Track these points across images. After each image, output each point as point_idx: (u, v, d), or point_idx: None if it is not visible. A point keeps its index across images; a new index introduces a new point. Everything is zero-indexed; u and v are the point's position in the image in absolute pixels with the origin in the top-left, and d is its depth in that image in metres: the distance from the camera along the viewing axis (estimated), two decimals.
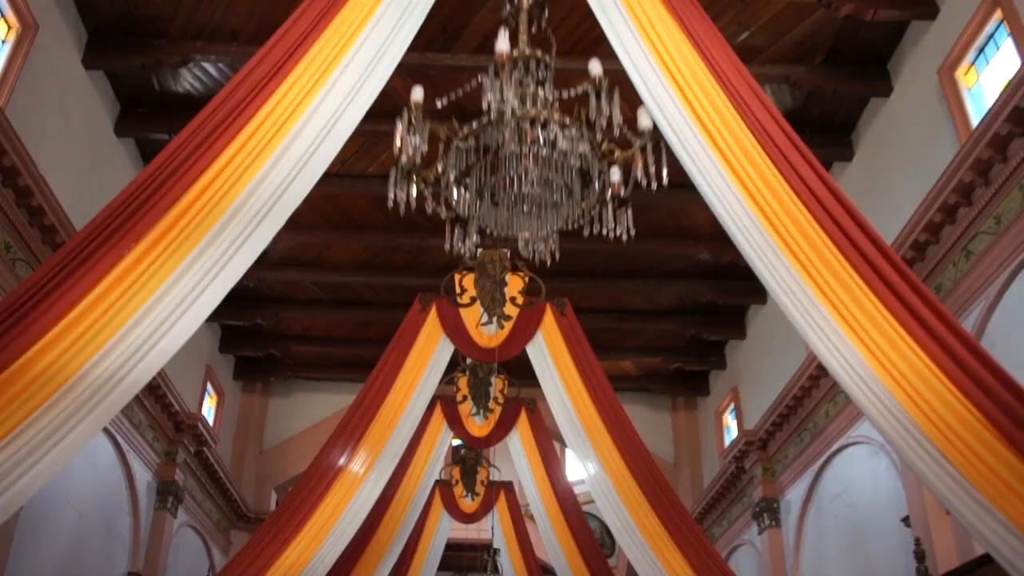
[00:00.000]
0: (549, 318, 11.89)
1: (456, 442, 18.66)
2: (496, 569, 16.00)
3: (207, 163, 6.23)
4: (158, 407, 14.27)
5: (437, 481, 18.53)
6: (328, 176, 14.09)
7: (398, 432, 11.45)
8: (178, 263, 6.07)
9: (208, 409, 17.55)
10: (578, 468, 24.32)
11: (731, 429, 18.02)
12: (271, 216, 6.79)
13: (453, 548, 24.38)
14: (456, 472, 18.35)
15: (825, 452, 13.52)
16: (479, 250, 12.23)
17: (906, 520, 11.01)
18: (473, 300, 11.97)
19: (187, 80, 12.67)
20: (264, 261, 16.25)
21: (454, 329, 11.76)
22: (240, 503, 17.73)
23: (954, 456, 5.75)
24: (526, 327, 11.83)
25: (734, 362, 17.94)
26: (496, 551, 9.31)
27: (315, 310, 17.17)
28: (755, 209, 6.57)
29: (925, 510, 10.57)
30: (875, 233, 6.35)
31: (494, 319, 11.79)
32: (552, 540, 15.76)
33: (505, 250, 12.09)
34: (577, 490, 16.55)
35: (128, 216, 5.88)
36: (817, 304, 6.57)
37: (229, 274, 6.46)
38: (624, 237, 5.99)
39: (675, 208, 14.69)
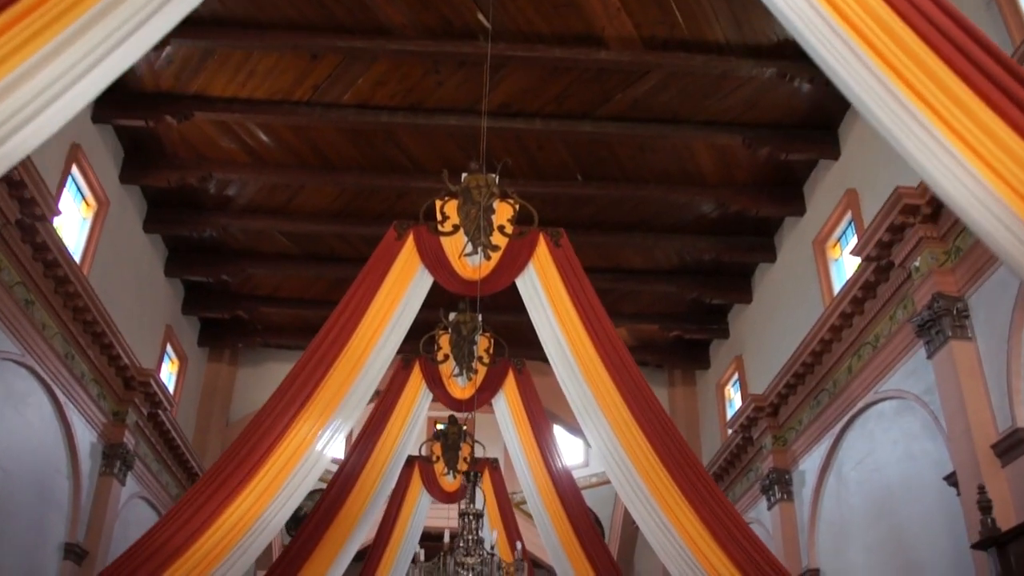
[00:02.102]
0: (542, 248, 10.20)
1: (441, 425, 16.99)
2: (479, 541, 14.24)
3: None
4: (104, 359, 12.47)
5: (417, 458, 16.87)
6: (297, 105, 12.67)
7: (366, 374, 9.75)
8: (56, 34, 4.48)
9: (168, 375, 15.75)
10: (574, 450, 22.69)
11: (734, 403, 16.34)
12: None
13: (433, 539, 22.74)
14: (437, 448, 16.62)
15: (846, 413, 11.83)
16: (464, 175, 10.62)
17: (950, 478, 9.31)
18: (456, 228, 10.29)
19: None
20: (229, 207, 14.60)
21: (434, 259, 10.06)
22: None
23: None
24: (516, 258, 10.14)
25: (738, 330, 16.26)
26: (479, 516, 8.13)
27: (285, 266, 15.40)
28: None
29: (977, 464, 8.87)
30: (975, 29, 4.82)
31: (480, 249, 10.09)
32: (544, 520, 14.03)
33: (493, 175, 10.44)
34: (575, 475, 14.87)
35: None
36: (920, 117, 4.87)
37: (117, 59, 4.75)
38: None
39: (679, 148, 13.04)
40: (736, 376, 16.04)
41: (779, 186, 13.70)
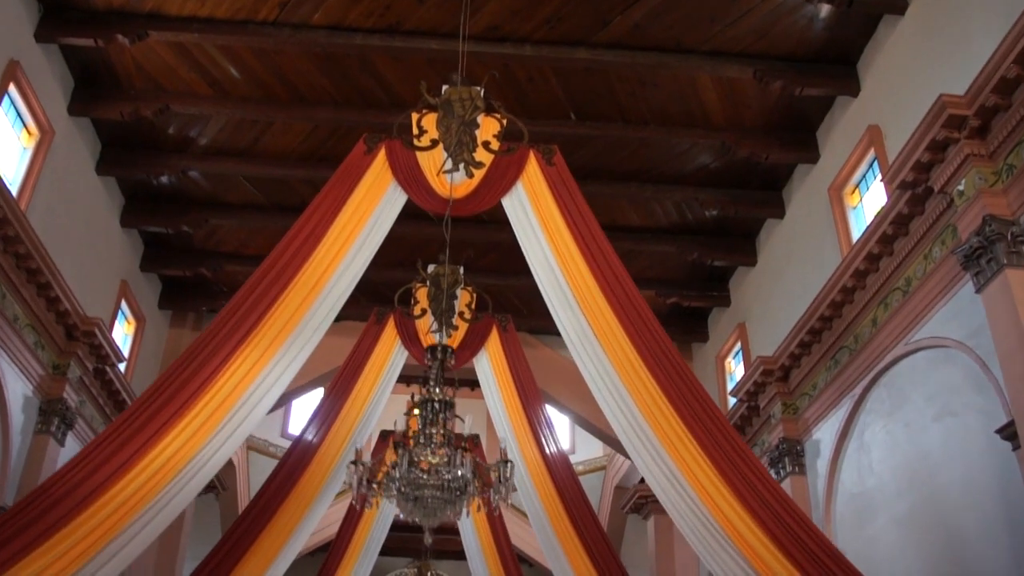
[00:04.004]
0: (533, 166, 8.67)
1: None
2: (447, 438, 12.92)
3: None
4: (42, 303, 10.82)
5: (391, 432, 15.25)
6: (263, 25, 11.04)
7: (324, 299, 8.13)
8: None
9: (123, 336, 14.07)
10: (561, 435, 21.02)
11: (735, 376, 14.76)
12: None
13: (412, 529, 21.03)
14: (414, 423, 15.01)
15: (870, 371, 10.27)
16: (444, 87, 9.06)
17: (1004, 430, 7.73)
18: (435, 143, 8.74)
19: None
20: (190, 148, 12.89)
21: (408, 175, 8.50)
22: None
23: None
24: (502, 175, 8.59)
25: (740, 296, 14.69)
26: (448, 405, 6.73)
27: (251, 217, 13.70)
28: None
29: None
30: None
31: (461, 165, 8.51)
32: (536, 507, 12.41)
33: (478, 88, 8.90)
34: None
35: None
36: None
37: None
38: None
39: (683, 82, 11.50)
40: (738, 346, 14.46)
41: (790, 130, 12.16)
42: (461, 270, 12.06)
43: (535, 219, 8.40)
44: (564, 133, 12.01)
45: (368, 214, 8.35)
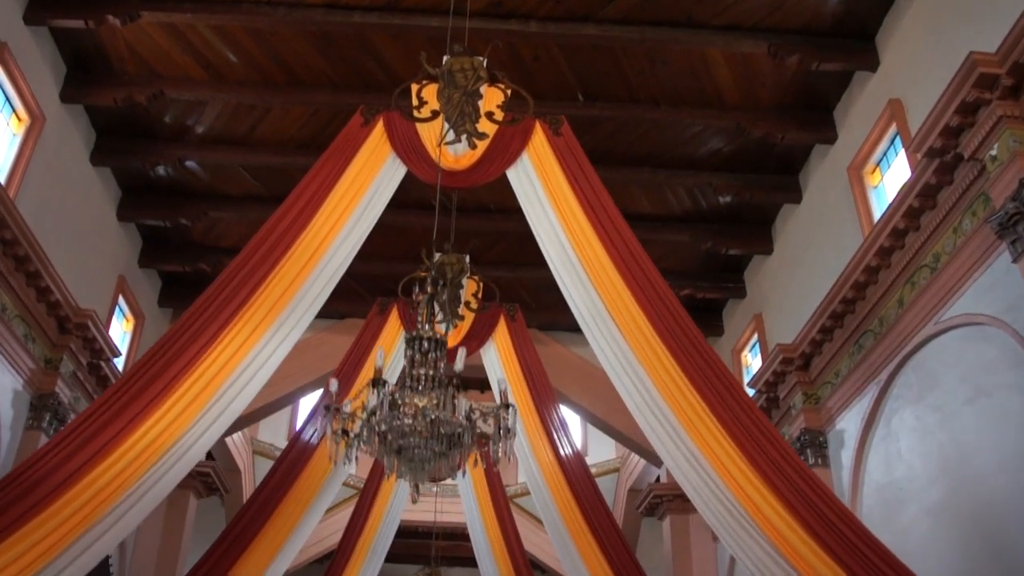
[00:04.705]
0: (539, 137, 8.13)
1: None
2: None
3: None
4: (32, 293, 10.32)
5: None
6: (258, 4, 10.46)
7: (318, 275, 7.59)
8: None
9: (122, 334, 13.56)
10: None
11: (752, 369, 14.14)
12: None
13: (421, 535, 20.37)
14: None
15: (897, 355, 9.68)
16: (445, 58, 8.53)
17: None
18: (435, 114, 8.19)
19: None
20: (186, 137, 12.40)
21: (407, 146, 7.98)
22: None
23: None
24: (507, 146, 8.06)
25: (756, 287, 14.09)
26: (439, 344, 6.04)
27: (251, 209, 13.14)
28: None
29: None
30: None
31: (463, 137, 7.98)
32: (544, 494, 11.82)
33: (480, 58, 8.40)
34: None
35: None
36: None
37: None
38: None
39: (694, 60, 10.96)
40: (755, 338, 13.85)
41: (807, 109, 11.60)
42: (467, 259, 11.54)
43: (542, 191, 7.86)
44: (572, 115, 11.22)
45: (365, 187, 7.83)
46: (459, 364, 5.76)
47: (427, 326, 5.71)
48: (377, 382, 5.45)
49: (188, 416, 6.92)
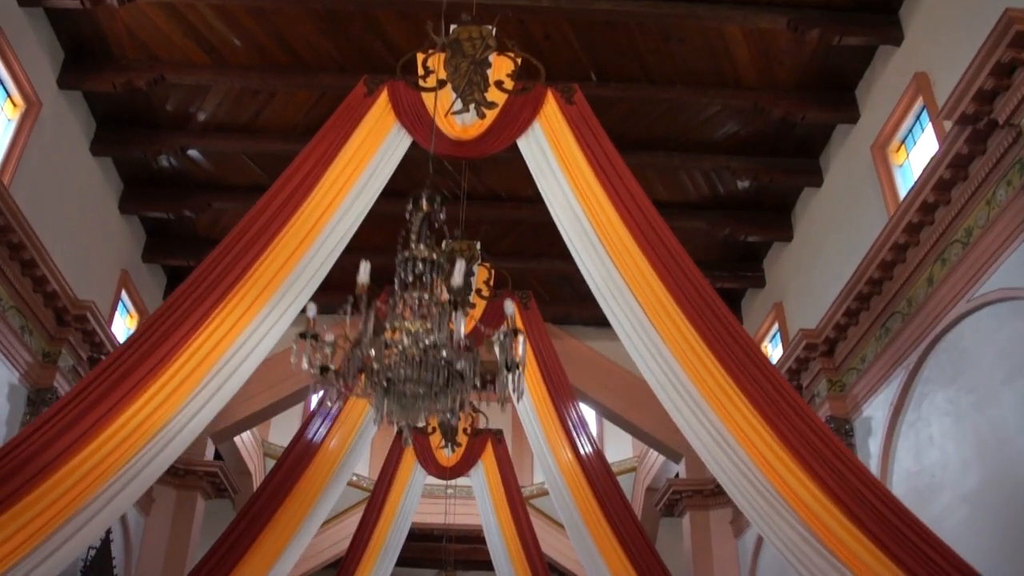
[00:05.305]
0: (551, 106, 7.72)
1: None
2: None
3: None
4: (27, 283, 9.94)
5: (410, 428, 14.24)
6: None
7: (319, 248, 7.16)
8: None
9: (125, 330, 13.16)
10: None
11: (773, 360, 13.58)
12: None
13: (434, 538, 19.86)
14: (432, 419, 14.01)
15: (927, 335, 9.17)
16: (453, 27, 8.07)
17: None
18: (442, 83, 7.76)
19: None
20: (188, 124, 11.97)
21: (412, 116, 7.56)
22: None
23: None
24: (517, 115, 7.65)
25: (776, 275, 13.61)
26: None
27: (256, 200, 12.64)
28: None
29: None
30: None
31: (471, 106, 7.55)
32: (564, 496, 11.35)
33: (489, 27, 7.98)
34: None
35: None
36: None
37: None
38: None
39: (711, 36, 10.51)
40: (776, 328, 13.36)
41: (828, 89, 11.14)
42: (478, 245, 11.13)
43: (555, 160, 7.44)
44: (585, 96, 10.99)
45: (367, 159, 7.41)
46: (457, 277, 5.09)
47: (421, 245, 5.14)
48: (358, 299, 4.84)
49: (178, 397, 6.50)
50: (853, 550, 5.84)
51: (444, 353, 4.94)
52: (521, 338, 4.99)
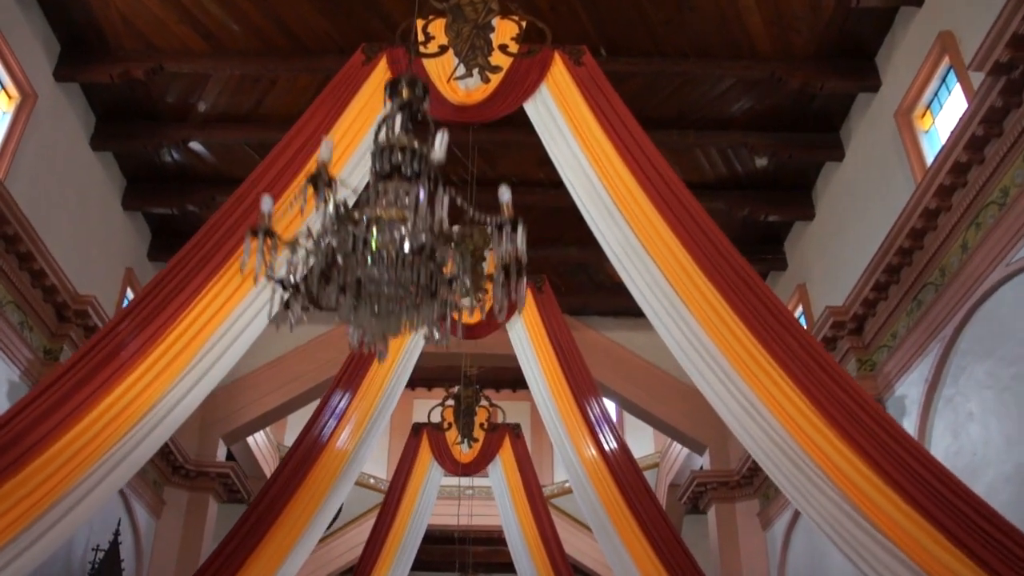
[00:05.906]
0: (559, 67, 7.25)
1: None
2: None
3: None
4: (25, 277, 9.54)
5: (425, 425, 13.84)
6: None
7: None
8: None
9: None
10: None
11: None
12: None
13: (454, 541, 19.32)
14: (449, 414, 13.57)
15: (962, 306, 8.62)
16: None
17: None
18: (444, 49, 7.31)
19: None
20: (189, 116, 11.59)
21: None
22: (176, 452, 12.83)
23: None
24: (524, 78, 7.20)
25: (798, 256, 13.09)
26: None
27: None
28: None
29: None
30: None
31: (475, 71, 7.09)
32: (589, 495, 10.84)
33: None
34: None
35: None
36: None
37: None
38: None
39: (723, 4, 10.02)
40: (800, 310, 12.81)
41: (847, 57, 10.61)
42: (489, 229, 10.62)
43: (563, 122, 6.97)
44: None
45: (365, 129, 6.96)
46: (439, 151, 4.26)
47: (403, 134, 4.51)
48: (318, 178, 4.20)
49: (169, 375, 6.07)
50: (901, 524, 5.32)
51: (423, 239, 4.03)
52: (522, 229, 4.24)
